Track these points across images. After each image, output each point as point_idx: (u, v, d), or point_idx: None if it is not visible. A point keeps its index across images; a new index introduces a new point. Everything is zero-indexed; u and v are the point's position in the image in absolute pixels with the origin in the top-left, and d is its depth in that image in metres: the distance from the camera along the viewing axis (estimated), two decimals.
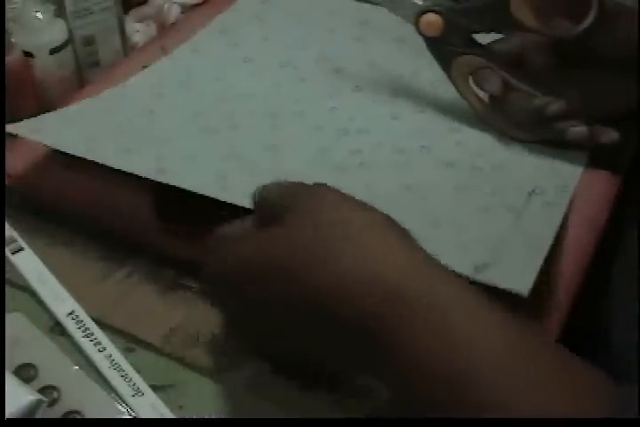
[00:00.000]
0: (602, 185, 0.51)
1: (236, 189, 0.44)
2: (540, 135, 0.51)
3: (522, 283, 0.38)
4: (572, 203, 0.48)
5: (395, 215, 0.42)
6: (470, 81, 0.52)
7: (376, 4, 0.59)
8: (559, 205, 0.47)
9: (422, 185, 0.48)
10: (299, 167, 0.48)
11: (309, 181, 0.45)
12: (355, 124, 0.53)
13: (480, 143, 0.52)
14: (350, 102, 0.55)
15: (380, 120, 0.54)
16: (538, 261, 0.41)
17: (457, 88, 0.53)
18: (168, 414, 0.39)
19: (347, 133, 0.52)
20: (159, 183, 0.46)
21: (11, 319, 0.42)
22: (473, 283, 0.32)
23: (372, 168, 0.49)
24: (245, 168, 0.47)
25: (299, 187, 0.36)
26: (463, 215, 0.45)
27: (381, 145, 0.51)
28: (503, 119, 0.52)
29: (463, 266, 0.39)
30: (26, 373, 0.40)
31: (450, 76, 0.53)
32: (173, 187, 0.45)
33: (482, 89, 0.52)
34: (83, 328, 0.43)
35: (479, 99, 0.53)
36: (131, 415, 0.39)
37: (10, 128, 0.47)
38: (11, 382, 0.35)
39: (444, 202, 0.46)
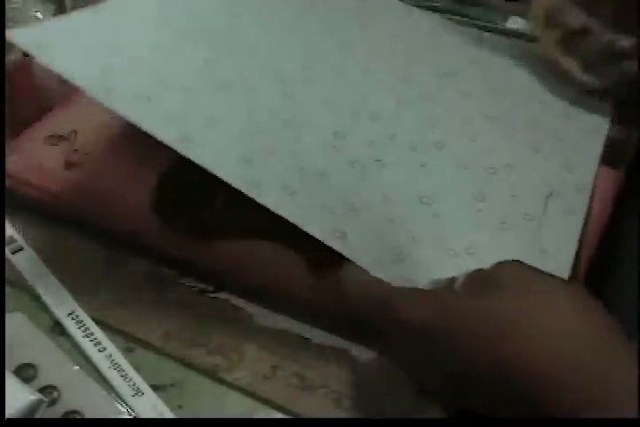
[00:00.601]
0: (604, 180, 0.50)
1: (265, 186, 0.42)
2: (610, 79, 0.50)
3: None
4: None
5: (410, 235, 0.42)
6: (545, 21, 0.52)
7: None
8: (578, 210, 0.45)
9: (438, 195, 0.45)
10: (318, 161, 0.45)
11: (328, 180, 0.43)
12: (368, 106, 0.50)
13: (492, 136, 0.50)
14: (360, 80, 0.52)
15: (391, 106, 0.51)
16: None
17: (532, 27, 0.52)
18: (168, 414, 0.39)
19: (359, 116, 0.49)
20: (159, 184, 0.46)
21: (11, 319, 0.42)
22: None
23: (388, 168, 0.46)
24: (267, 150, 0.44)
25: (508, 267, 0.38)
26: (481, 235, 0.43)
27: (396, 137, 0.48)
28: (573, 61, 0.51)
29: None
30: (26, 373, 0.40)
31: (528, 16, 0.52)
32: (174, 186, 0.45)
33: (559, 22, 0.51)
34: (83, 328, 0.43)
35: (552, 40, 0.52)
36: (131, 415, 0.39)
37: (10, 34, 0.42)
38: (11, 382, 0.35)
39: (460, 218, 0.44)
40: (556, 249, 0.43)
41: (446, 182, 0.46)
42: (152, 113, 0.43)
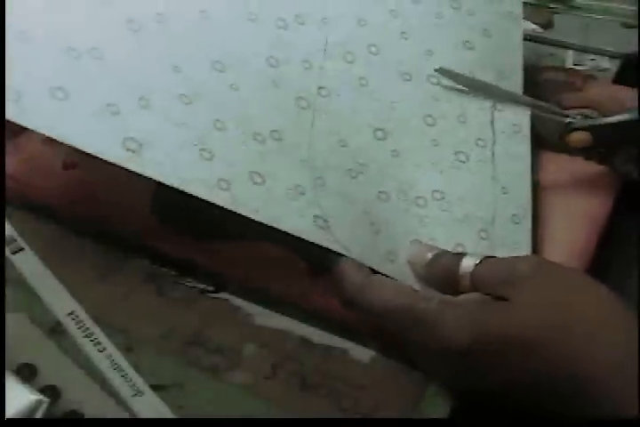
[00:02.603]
0: (602, 180, 0.50)
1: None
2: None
3: None
4: (572, 199, 0.47)
5: (377, 190, 0.40)
6: None
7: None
8: (523, 126, 0.43)
9: (390, 124, 0.41)
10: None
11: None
12: None
13: (420, 24, 0.45)
14: None
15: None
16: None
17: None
18: (168, 414, 0.39)
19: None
20: (160, 184, 0.46)
21: (11, 319, 0.42)
22: None
23: (333, 96, 0.41)
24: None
25: (517, 262, 0.36)
26: (442, 174, 0.41)
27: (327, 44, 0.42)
28: None
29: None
30: (26, 373, 0.40)
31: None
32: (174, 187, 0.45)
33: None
34: (83, 328, 0.43)
35: None
36: (131, 415, 0.39)
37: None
38: (11, 382, 0.35)
39: (419, 154, 0.41)
40: (513, 186, 0.41)
41: (394, 101, 0.42)
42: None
